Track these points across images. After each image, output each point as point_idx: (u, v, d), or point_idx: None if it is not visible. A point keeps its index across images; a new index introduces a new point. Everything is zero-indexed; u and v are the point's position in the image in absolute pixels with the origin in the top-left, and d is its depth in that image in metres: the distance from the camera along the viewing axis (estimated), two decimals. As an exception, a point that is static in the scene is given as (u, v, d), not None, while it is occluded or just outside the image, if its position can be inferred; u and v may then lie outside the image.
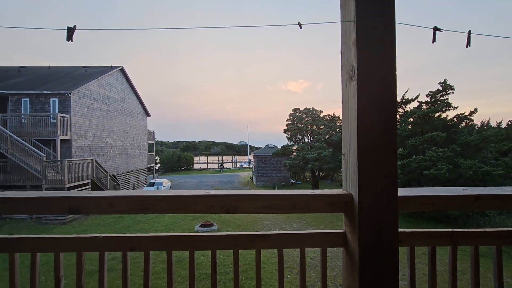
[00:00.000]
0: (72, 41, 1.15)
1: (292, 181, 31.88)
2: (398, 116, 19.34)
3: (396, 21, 1.16)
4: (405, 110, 18.42)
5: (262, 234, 1.33)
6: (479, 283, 1.34)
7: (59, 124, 16.63)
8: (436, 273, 1.35)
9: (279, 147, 31.26)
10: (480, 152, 15.35)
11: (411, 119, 17.18)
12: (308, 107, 30.91)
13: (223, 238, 1.33)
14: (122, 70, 25.25)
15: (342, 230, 1.34)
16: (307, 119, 30.01)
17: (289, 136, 30.63)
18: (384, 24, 1.14)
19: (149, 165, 31.31)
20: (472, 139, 15.08)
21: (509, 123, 30.60)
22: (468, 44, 1.18)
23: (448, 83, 16.76)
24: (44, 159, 15.37)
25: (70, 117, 17.83)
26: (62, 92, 17.91)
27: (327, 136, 27.14)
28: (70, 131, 17.78)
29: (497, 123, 30.41)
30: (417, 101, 17.86)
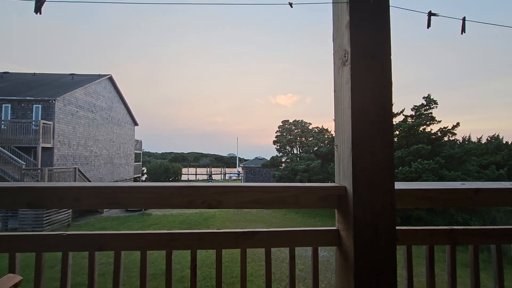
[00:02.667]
0: (40, 13, 1.04)
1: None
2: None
3: (390, 5, 1.12)
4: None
5: (248, 231, 1.21)
6: (480, 284, 1.26)
7: (41, 131, 16.04)
8: (434, 274, 1.26)
9: (268, 159, 31.18)
10: (463, 165, 15.74)
11: (397, 132, 17.54)
12: (297, 119, 31.20)
13: (204, 236, 1.20)
14: (111, 79, 24.90)
15: (335, 228, 1.24)
16: (296, 130, 30.22)
17: (278, 147, 30.67)
18: (378, 6, 1.09)
19: (135, 176, 30.50)
20: (455, 152, 15.49)
21: (488, 139, 31.92)
22: (463, 30, 1.14)
23: (432, 98, 17.32)
24: (23, 167, 14.68)
25: (54, 124, 17.26)
26: (46, 98, 17.39)
27: (316, 148, 27.32)
28: (53, 138, 17.16)
29: (478, 138, 31.59)
30: (403, 114, 18.34)
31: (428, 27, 1.13)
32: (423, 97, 17.62)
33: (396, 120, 18.59)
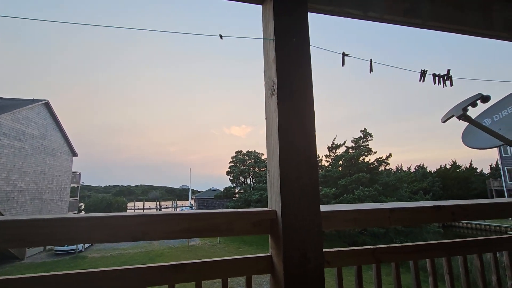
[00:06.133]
0: None
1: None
2: (330, 160, 21.19)
3: (311, 44, 1.26)
4: (336, 154, 20.35)
5: (176, 264, 1.13)
6: None
7: None
8: None
9: (222, 190, 30.55)
10: (397, 191, 17.48)
11: (341, 162, 18.96)
12: (250, 150, 31.74)
13: (126, 273, 1.08)
14: (47, 105, 22.62)
15: (268, 254, 1.23)
16: (249, 161, 30.57)
17: (231, 178, 30.41)
18: (300, 44, 1.23)
19: (71, 213, 26.85)
20: (390, 179, 17.21)
21: (416, 168, 36.57)
22: (371, 70, 1.34)
23: (367, 131, 19.41)
24: None
25: (-34, 154, 14.65)
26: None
27: (268, 178, 27.75)
28: (-37, 171, 14.44)
29: (407, 167, 35.99)
30: (345, 146, 20.06)
31: (342, 65, 1.30)
32: (360, 131, 19.64)
33: (339, 151, 20.18)
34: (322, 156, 21.85)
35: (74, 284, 1.03)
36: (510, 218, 23.22)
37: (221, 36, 1.15)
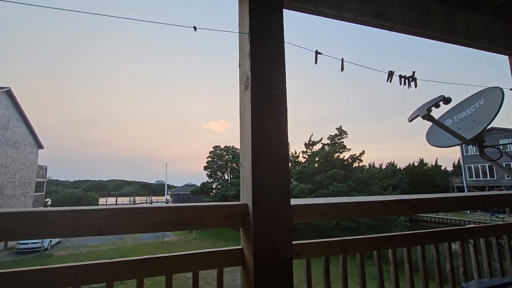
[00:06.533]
0: None
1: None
2: (307, 156, 21.66)
3: (285, 41, 1.28)
4: (312, 150, 20.83)
5: (145, 258, 1.11)
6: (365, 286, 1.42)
7: None
8: (330, 283, 1.37)
9: (199, 186, 30.23)
10: (369, 187, 18.29)
11: (317, 159, 19.45)
12: (228, 145, 31.59)
13: (92, 269, 1.05)
14: (9, 93, 20.96)
15: (240, 247, 1.25)
16: (227, 156, 30.43)
17: (209, 173, 30.15)
18: (275, 40, 1.24)
19: (33, 209, 25.17)
20: (363, 176, 17.96)
21: (387, 165, 38.51)
22: (342, 69, 1.39)
23: (343, 129, 20.05)
24: None
25: None
26: None
27: (246, 174, 27.84)
28: None
29: (379, 164, 37.75)
30: (321, 143, 20.59)
31: (315, 63, 1.34)
32: (336, 128, 20.25)
33: (316, 147, 20.67)
34: (299, 153, 22.31)
35: (36, 281, 0.98)
36: (468, 212, 25.19)
37: (195, 28, 1.14)
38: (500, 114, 2.31)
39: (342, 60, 1.40)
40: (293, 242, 1.25)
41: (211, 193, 27.44)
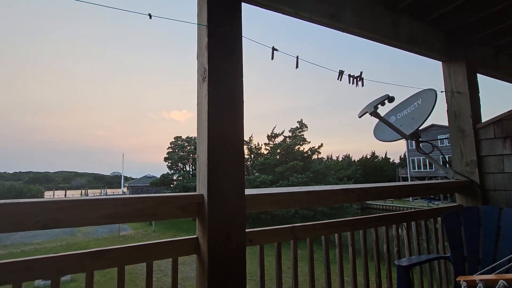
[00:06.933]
0: None
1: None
2: (269, 148, 22.12)
3: (243, 35, 1.31)
4: (274, 143, 21.35)
5: (95, 251, 1.08)
6: (314, 272, 1.55)
7: None
8: (281, 268, 1.47)
9: (159, 177, 29.16)
10: (326, 178, 19.39)
11: (279, 150, 19.99)
12: (190, 136, 30.83)
13: (37, 263, 0.99)
14: None
15: (195, 236, 1.27)
16: (189, 147, 29.72)
17: (169, 164, 29.22)
18: (233, 33, 1.26)
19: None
20: (320, 167, 18.95)
21: (343, 157, 41.16)
22: (297, 66, 1.46)
23: (303, 122, 20.83)
24: None
25: None
26: None
27: (208, 165, 27.55)
28: None
29: (336, 157, 40.16)
30: (283, 135, 21.19)
31: (272, 59, 1.39)
32: (297, 121, 20.96)
33: (278, 140, 21.21)
34: (262, 145, 22.68)
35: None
36: (410, 199, 28.10)
37: (150, 16, 1.10)
38: (440, 113, 2.62)
39: (297, 57, 1.47)
40: (247, 230, 1.31)
41: (171, 185, 26.68)
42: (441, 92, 2.48)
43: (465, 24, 2.37)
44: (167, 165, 29.40)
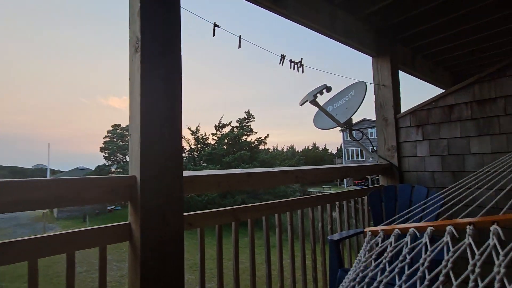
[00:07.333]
0: None
1: (110, 207, 27.50)
2: (216, 138, 21.89)
3: (181, 6, 1.22)
4: (222, 133, 21.20)
5: (1, 243, 0.92)
6: (254, 252, 1.59)
7: None
8: (222, 248, 1.47)
9: (93, 170, 26.43)
10: (272, 167, 20.11)
11: (226, 140, 19.95)
12: (131, 125, 28.58)
13: None
14: None
15: (127, 222, 1.17)
16: (129, 136, 27.58)
17: (107, 155, 26.71)
18: (168, 1, 1.17)
19: None
20: (267, 157, 19.58)
21: (288, 148, 43.33)
22: (239, 46, 1.44)
23: (250, 113, 21.09)
24: None
25: None
26: None
27: (151, 156, 26.04)
28: None
29: (281, 148, 42.04)
30: (231, 125, 21.14)
31: (213, 36, 1.34)
32: (245, 112, 21.14)
33: (225, 130, 21.11)
34: (209, 134, 22.29)
35: None
36: (345, 186, 31.05)
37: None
38: (372, 106, 2.88)
39: (240, 37, 1.45)
40: (186, 214, 1.27)
41: (109, 178, 24.52)
42: (370, 84, 2.75)
43: (389, 24, 2.64)
44: (103, 155, 26.84)
